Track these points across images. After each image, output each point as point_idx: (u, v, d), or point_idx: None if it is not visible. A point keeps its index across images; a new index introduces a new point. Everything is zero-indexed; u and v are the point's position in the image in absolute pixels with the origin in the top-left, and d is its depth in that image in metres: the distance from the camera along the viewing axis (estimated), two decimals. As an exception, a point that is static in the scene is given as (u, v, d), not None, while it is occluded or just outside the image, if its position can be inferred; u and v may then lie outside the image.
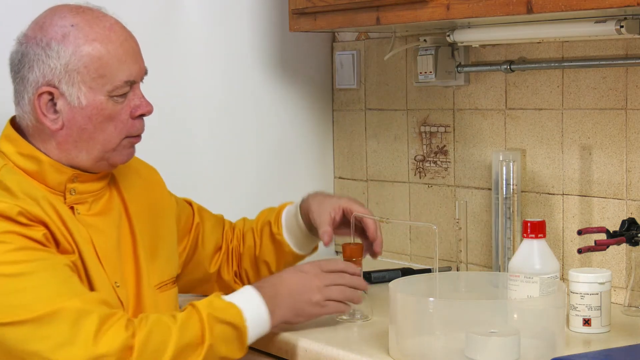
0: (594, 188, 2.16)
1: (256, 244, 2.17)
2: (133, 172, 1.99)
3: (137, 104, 1.83)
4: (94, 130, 1.80)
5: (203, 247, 2.14)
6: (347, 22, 2.28)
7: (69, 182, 1.81)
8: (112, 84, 1.78)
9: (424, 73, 2.41)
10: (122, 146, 1.84)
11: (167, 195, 2.06)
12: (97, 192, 1.87)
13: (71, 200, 1.82)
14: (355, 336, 1.89)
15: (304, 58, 2.78)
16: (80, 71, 1.76)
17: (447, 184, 2.51)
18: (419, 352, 1.71)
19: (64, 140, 1.80)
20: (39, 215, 1.71)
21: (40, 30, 1.78)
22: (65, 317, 1.63)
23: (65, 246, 1.74)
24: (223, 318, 1.74)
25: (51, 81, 1.76)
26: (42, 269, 1.67)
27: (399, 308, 1.72)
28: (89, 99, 1.77)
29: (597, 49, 2.13)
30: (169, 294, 1.95)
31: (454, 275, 2.09)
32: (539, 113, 2.27)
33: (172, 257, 2.00)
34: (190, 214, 2.14)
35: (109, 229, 1.86)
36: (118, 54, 1.78)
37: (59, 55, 1.75)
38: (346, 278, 1.92)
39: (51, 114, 1.78)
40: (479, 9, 1.96)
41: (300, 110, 2.78)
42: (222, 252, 2.17)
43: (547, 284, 1.81)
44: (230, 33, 2.65)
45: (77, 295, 1.66)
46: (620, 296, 2.09)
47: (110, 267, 1.83)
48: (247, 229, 2.20)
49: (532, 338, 1.69)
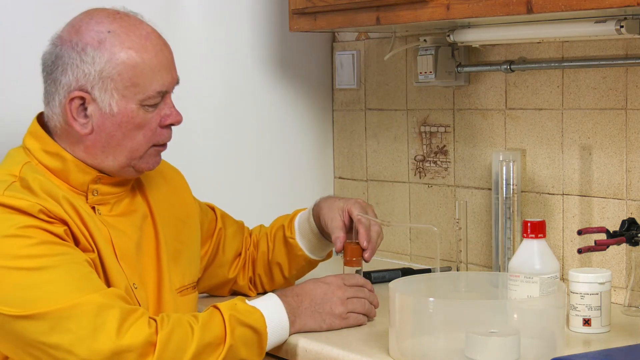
0: (594, 188, 2.16)
1: (269, 248, 2.18)
2: (158, 175, 2.00)
3: (167, 114, 1.84)
4: (123, 137, 1.80)
5: (224, 252, 2.15)
6: (347, 22, 2.28)
7: (92, 182, 1.82)
8: (145, 94, 1.79)
9: (424, 73, 2.41)
10: (148, 154, 1.85)
11: (192, 199, 2.07)
12: (120, 194, 1.87)
13: (93, 201, 1.83)
14: (355, 336, 1.89)
15: (304, 58, 2.78)
16: (114, 79, 1.76)
17: (447, 184, 2.51)
18: (419, 352, 1.71)
19: (91, 145, 1.80)
20: (59, 213, 1.72)
21: (76, 34, 1.78)
22: (87, 310, 1.64)
23: (85, 245, 1.75)
24: (245, 321, 1.75)
25: (84, 86, 1.77)
26: (63, 263, 1.68)
27: (399, 308, 1.72)
28: (121, 107, 1.78)
29: (597, 49, 2.13)
30: (190, 299, 1.95)
31: (454, 275, 2.09)
32: (539, 113, 2.27)
33: (194, 262, 2.01)
34: (213, 219, 2.15)
35: (130, 230, 1.86)
36: (152, 64, 1.79)
37: (94, 61, 1.76)
38: (366, 292, 1.95)
39: (81, 119, 1.79)
40: (479, 9, 1.96)
41: (300, 110, 2.78)
42: (240, 258, 2.18)
43: (547, 284, 1.81)
44: (230, 33, 2.65)
45: (97, 290, 1.67)
46: (620, 296, 2.09)
47: (128, 268, 1.83)
48: (262, 235, 2.21)
49: (532, 338, 1.69)
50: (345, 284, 1.92)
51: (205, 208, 2.14)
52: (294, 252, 2.15)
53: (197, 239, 2.04)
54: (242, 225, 2.22)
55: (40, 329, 1.64)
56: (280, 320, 1.82)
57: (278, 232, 2.17)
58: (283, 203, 2.58)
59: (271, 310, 1.81)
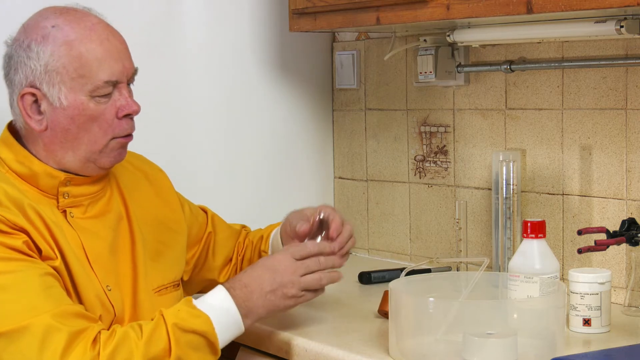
0: (594, 188, 2.16)
1: (251, 258, 2.16)
2: (140, 174, 1.99)
3: (122, 104, 1.81)
4: (78, 130, 1.79)
5: (213, 258, 2.13)
6: (347, 22, 2.28)
7: (62, 186, 1.81)
8: (93, 84, 1.77)
9: (424, 73, 2.41)
10: (109, 148, 1.83)
11: (175, 199, 2.05)
12: (94, 195, 1.86)
13: (64, 204, 1.81)
14: (355, 336, 1.89)
15: (304, 58, 2.78)
16: (60, 71, 1.76)
17: (447, 184, 2.51)
18: (419, 352, 1.71)
19: (49, 142, 1.80)
20: (19, 223, 1.70)
21: (24, 33, 1.79)
22: (34, 333, 1.63)
23: (48, 253, 1.73)
24: (190, 327, 1.72)
25: (33, 82, 1.77)
26: (17, 281, 1.66)
27: (399, 308, 1.72)
28: (70, 100, 1.77)
29: (597, 49, 2.13)
30: (169, 298, 1.93)
31: (454, 275, 2.08)
32: (539, 113, 2.27)
33: (176, 262, 1.99)
34: (204, 222, 2.13)
35: (104, 231, 1.85)
36: (97, 54, 1.77)
37: (39, 56, 1.76)
38: (321, 261, 1.88)
39: (36, 115, 1.78)
40: (479, 9, 1.96)
41: (300, 110, 2.78)
42: (231, 264, 2.16)
43: (547, 284, 1.81)
44: (230, 33, 2.65)
45: (50, 310, 1.65)
46: (620, 296, 2.09)
47: (102, 271, 1.82)
48: (249, 241, 2.19)
49: (532, 338, 1.69)
50: (296, 258, 1.85)
51: (196, 210, 2.12)
52: None
53: (181, 240, 2.02)
54: (236, 231, 2.19)
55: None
56: (230, 317, 1.77)
57: (258, 243, 2.15)
58: (283, 203, 2.57)
59: (218, 308, 1.77)
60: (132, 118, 1.84)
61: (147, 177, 2.01)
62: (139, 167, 2.01)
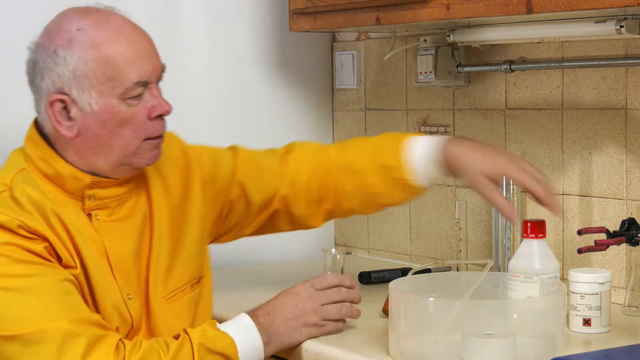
0: (594, 188, 2.16)
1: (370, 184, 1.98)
2: (169, 161, 1.90)
3: (153, 105, 1.77)
4: (110, 135, 1.74)
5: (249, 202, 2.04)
6: (347, 22, 2.28)
7: (87, 188, 1.77)
8: (123, 87, 1.73)
9: (424, 73, 2.41)
10: (143, 149, 1.78)
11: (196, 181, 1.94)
12: (121, 196, 1.82)
13: (90, 206, 1.77)
14: (355, 336, 1.89)
15: (304, 58, 2.78)
16: (89, 76, 1.71)
17: (447, 184, 2.51)
18: (419, 352, 1.71)
19: (81, 147, 1.75)
20: (40, 230, 1.68)
21: (47, 37, 1.74)
22: (52, 338, 1.61)
23: (68, 261, 1.71)
24: (215, 348, 1.72)
25: (61, 88, 1.72)
26: (37, 284, 1.65)
27: (399, 308, 1.72)
28: (101, 104, 1.72)
29: (597, 49, 2.13)
30: (182, 302, 1.87)
31: (454, 275, 2.08)
32: (539, 113, 2.27)
33: (191, 259, 1.91)
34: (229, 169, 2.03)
35: (130, 235, 1.81)
36: (126, 55, 1.72)
37: (66, 61, 1.71)
38: (343, 293, 1.88)
39: (66, 122, 1.74)
40: (479, 9, 1.96)
41: (300, 110, 2.78)
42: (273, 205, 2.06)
43: (547, 284, 1.81)
44: (230, 33, 2.65)
45: (67, 316, 1.63)
46: (620, 296, 2.08)
47: (123, 278, 1.78)
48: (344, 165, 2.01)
49: (532, 338, 1.69)
50: (316, 289, 1.86)
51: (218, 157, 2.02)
52: (411, 190, 1.97)
53: (197, 232, 1.93)
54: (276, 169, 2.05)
55: (12, 350, 1.62)
56: (252, 343, 1.76)
57: (383, 172, 1.97)
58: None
59: (242, 333, 1.76)
60: (163, 118, 1.80)
61: (173, 158, 1.93)
62: (170, 155, 1.91)
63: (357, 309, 1.91)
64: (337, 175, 2.03)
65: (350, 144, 2.09)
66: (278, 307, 1.83)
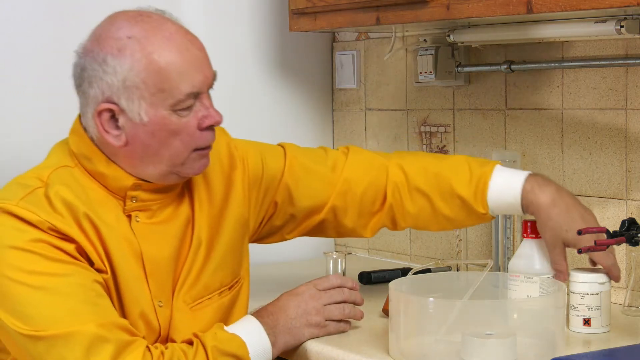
0: (594, 188, 2.16)
1: (437, 206, 1.96)
2: (216, 166, 1.86)
3: (204, 115, 1.72)
4: (160, 146, 1.70)
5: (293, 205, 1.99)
6: (347, 22, 2.28)
7: (131, 190, 1.73)
8: (174, 98, 1.67)
9: (424, 73, 2.41)
10: (191, 159, 1.73)
11: (238, 184, 1.90)
12: (164, 199, 1.78)
13: (131, 207, 1.74)
14: (355, 336, 1.89)
15: (304, 58, 2.78)
16: (139, 86, 1.66)
17: (447, 184, 2.51)
18: (419, 352, 1.71)
19: (129, 156, 1.71)
20: (69, 232, 1.65)
21: (97, 43, 1.68)
22: (80, 341, 1.60)
23: (99, 265, 1.68)
24: (227, 350, 1.71)
25: (110, 98, 1.67)
26: (66, 284, 1.63)
27: (399, 308, 1.72)
28: (151, 115, 1.67)
29: (597, 49, 2.13)
30: (206, 312, 1.83)
31: (454, 275, 2.08)
32: (539, 113, 2.27)
33: (224, 265, 1.86)
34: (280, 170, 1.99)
35: (170, 239, 1.78)
36: (178, 66, 1.67)
37: (116, 70, 1.66)
38: (345, 293, 1.88)
39: (113, 130, 1.69)
40: (479, 9, 1.96)
41: (300, 110, 2.78)
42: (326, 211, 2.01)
43: (547, 284, 1.81)
44: (230, 33, 2.65)
45: (95, 320, 1.61)
46: (620, 296, 2.08)
47: (157, 284, 1.75)
48: (414, 187, 1.98)
49: (532, 338, 1.69)
50: (319, 289, 1.86)
51: (266, 156, 1.97)
52: (481, 218, 1.97)
53: (236, 228, 1.88)
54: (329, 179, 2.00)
55: (39, 349, 1.61)
56: (261, 343, 1.77)
57: (456, 200, 1.94)
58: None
59: (252, 334, 1.76)
60: (213, 128, 1.75)
61: (219, 162, 1.88)
62: (215, 154, 1.85)
63: (360, 311, 1.91)
64: (399, 193, 1.99)
65: (412, 158, 2.03)
66: (281, 308, 1.83)
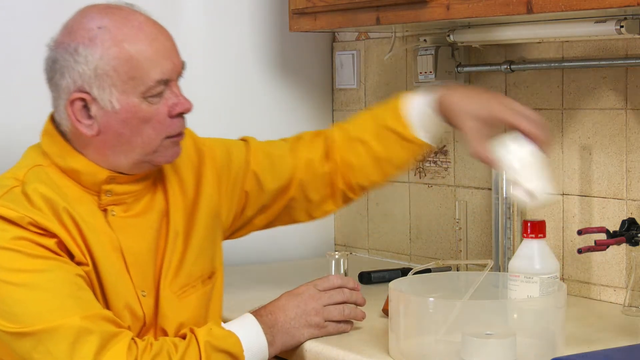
0: (594, 188, 2.16)
1: (375, 150, 1.99)
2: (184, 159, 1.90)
3: (174, 102, 1.77)
4: (131, 133, 1.74)
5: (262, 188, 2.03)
6: (347, 22, 2.28)
7: (105, 183, 1.76)
8: (145, 85, 1.72)
9: (424, 73, 2.41)
10: (163, 147, 1.77)
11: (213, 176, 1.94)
12: (138, 192, 1.81)
13: (106, 202, 1.77)
14: (355, 336, 1.89)
15: (304, 58, 2.78)
16: (110, 75, 1.70)
17: (447, 184, 2.51)
18: (419, 352, 1.71)
19: (101, 146, 1.74)
20: (49, 227, 1.67)
21: (68, 35, 1.73)
22: (65, 334, 1.61)
23: (80, 258, 1.70)
24: (221, 346, 1.72)
25: (82, 87, 1.71)
26: (49, 280, 1.64)
27: (399, 308, 1.72)
28: (122, 102, 1.71)
29: (597, 49, 2.13)
30: (193, 299, 1.85)
31: (454, 275, 2.08)
32: (539, 113, 2.26)
33: (202, 254, 1.89)
34: (243, 156, 2.04)
35: (147, 231, 1.81)
36: (148, 54, 1.72)
37: (87, 59, 1.70)
38: (346, 294, 1.89)
39: (86, 120, 1.73)
40: (479, 9, 1.96)
41: (300, 110, 2.78)
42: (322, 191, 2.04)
43: (547, 284, 1.81)
44: (230, 33, 2.65)
45: (79, 312, 1.63)
46: (620, 296, 2.09)
47: (139, 275, 1.78)
48: (354, 138, 2.01)
49: (532, 338, 1.69)
50: (319, 289, 1.86)
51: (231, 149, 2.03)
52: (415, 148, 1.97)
53: (210, 219, 1.91)
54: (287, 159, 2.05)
55: (26, 346, 1.62)
56: (257, 342, 1.77)
57: (386, 135, 1.97)
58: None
59: (248, 332, 1.77)
60: (183, 116, 1.80)
61: (188, 156, 1.92)
62: (184, 150, 1.89)
63: (361, 311, 1.91)
64: (342, 150, 2.02)
65: (353, 117, 2.09)
66: (280, 307, 1.83)
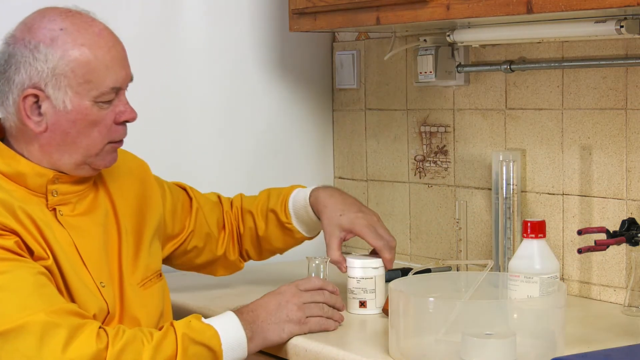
0: (594, 188, 2.16)
1: (258, 226, 2.20)
2: (124, 168, 1.98)
3: (121, 110, 1.83)
4: (78, 134, 1.80)
5: (208, 226, 2.17)
6: (347, 22, 2.28)
7: (50, 183, 1.81)
8: (99, 90, 1.78)
9: (424, 73, 2.42)
10: (105, 151, 1.84)
11: (155, 188, 2.05)
12: (82, 192, 1.86)
13: (54, 202, 1.81)
14: (355, 336, 1.89)
15: (304, 58, 2.78)
16: (68, 75, 1.76)
17: (447, 184, 2.51)
18: (419, 352, 1.71)
19: (47, 143, 1.80)
20: (9, 225, 1.71)
21: (28, 32, 1.78)
22: (32, 331, 1.63)
23: (40, 253, 1.74)
24: (199, 339, 1.74)
25: (37, 84, 1.76)
26: (11, 280, 1.67)
27: (399, 308, 1.72)
28: (75, 104, 1.78)
29: (597, 49, 2.13)
30: (154, 290, 1.94)
31: (454, 275, 2.08)
32: (539, 113, 2.27)
33: (156, 250, 2.00)
34: (187, 198, 2.16)
35: (94, 228, 1.86)
36: (105, 60, 1.78)
37: (47, 58, 1.75)
38: (326, 295, 1.93)
39: (35, 117, 1.78)
40: (479, 9, 1.96)
41: (300, 110, 2.78)
42: (226, 233, 2.20)
43: (547, 284, 1.81)
44: (230, 33, 2.65)
45: (44, 308, 1.66)
46: (620, 296, 2.09)
47: (95, 268, 1.83)
48: (246, 210, 2.22)
49: (532, 338, 1.69)
50: (300, 289, 1.91)
51: (175, 189, 2.14)
52: (291, 235, 2.18)
53: (158, 225, 2.02)
54: (216, 201, 2.23)
55: None
56: (236, 337, 1.79)
57: (270, 215, 2.18)
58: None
59: (226, 327, 1.79)
60: (126, 125, 1.86)
61: (128, 167, 2.00)
62: (120, 161, 1.97)
63: (339, 314, 1.94)
64: (238, 219, 2.23)
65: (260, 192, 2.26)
66: (262, 305, 1.87)
